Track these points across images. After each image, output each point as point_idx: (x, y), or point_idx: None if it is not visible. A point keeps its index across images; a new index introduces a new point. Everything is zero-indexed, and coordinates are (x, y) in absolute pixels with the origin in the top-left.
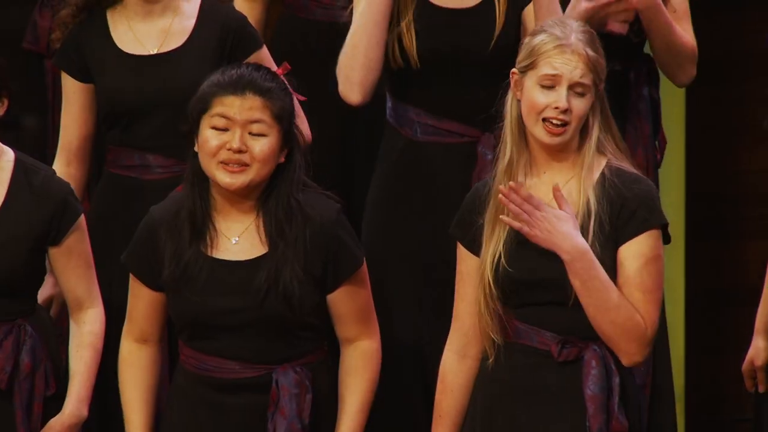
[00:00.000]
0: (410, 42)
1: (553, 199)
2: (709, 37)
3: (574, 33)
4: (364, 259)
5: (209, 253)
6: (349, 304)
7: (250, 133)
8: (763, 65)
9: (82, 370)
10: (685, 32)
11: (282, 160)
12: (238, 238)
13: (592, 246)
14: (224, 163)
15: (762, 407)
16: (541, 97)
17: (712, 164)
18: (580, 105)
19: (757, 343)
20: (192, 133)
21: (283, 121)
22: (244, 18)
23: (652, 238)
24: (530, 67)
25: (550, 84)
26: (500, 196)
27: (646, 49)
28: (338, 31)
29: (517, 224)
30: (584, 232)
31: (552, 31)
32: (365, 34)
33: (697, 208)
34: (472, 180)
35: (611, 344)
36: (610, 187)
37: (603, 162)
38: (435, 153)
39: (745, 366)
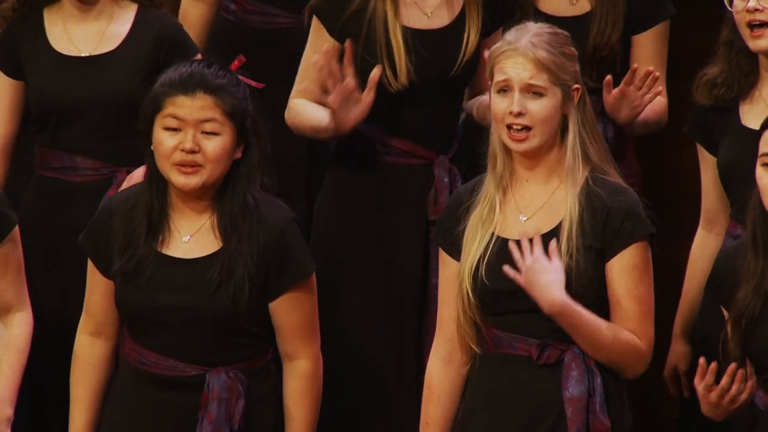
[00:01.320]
0: (390, 65)
1: (536, 205)
2: None
3: (528, 36)
4: (314, 273)
5: (160, 250)
6: (290, 315)
7: (203, 132)
8: (690, 67)
9: (6, 372)
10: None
11: (238, 155)
12: (189, 237)
13: (575, 257)
14: (179, 164)
15: (688, 408)
16: (499, 104)
17: (648, 163)
18: (537, 106)
19: (677, 348)
20: (147, 132)
21: (236, 117)
22: (179, 26)
23: (641, 249)
24: (490, 76)
25: (504, 89)
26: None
27: None
28: (273, 37)
29: (511, 273)
30: (568, 241)
31: (506, 37)
32: (308, 130)
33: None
34: (427, 202)
35: (612, 367)
36: (594, 196)
37: (587, 170)
38: (391, 173)
39: (667, 372)
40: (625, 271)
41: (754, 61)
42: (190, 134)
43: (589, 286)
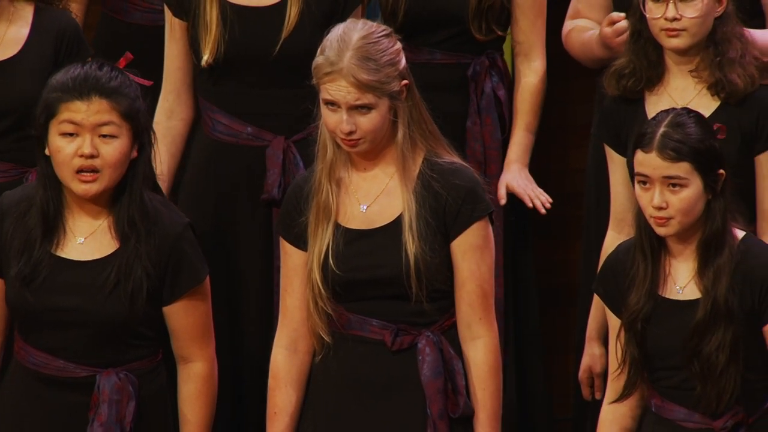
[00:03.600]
0: (207, 41)
1: (374, 194)
2: None
3: (348, 53)
4: (208, 277)
5: (55, 252)
6: (185, 320)
7: (100, 136)
8: (585, 66)
9: None
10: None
11: (134, 155)
12: (84, 239)
13: (420, 245)
14: (78, 171)
15: (584, 409)
16: (329, 117)
17: (537, 163)
18: (365, 121)
19: (592, 351)
20: (41, 137)
21: (132, 118)
22: (77, 25)
23: (482, 228)
24: (317, 87)
25: (332, 104)
26: None
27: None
28: (158, 34)
29: None
30: (410, 230)
31: (328, 54)
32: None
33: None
34: (265, 184)
35: None
36: (431, 181)
37: (421, 156)
38: (229, 153)
39: (582, 374)
40: (468, 252)
41: (660, 52)
42: (87, 139)
43: (437, 272)
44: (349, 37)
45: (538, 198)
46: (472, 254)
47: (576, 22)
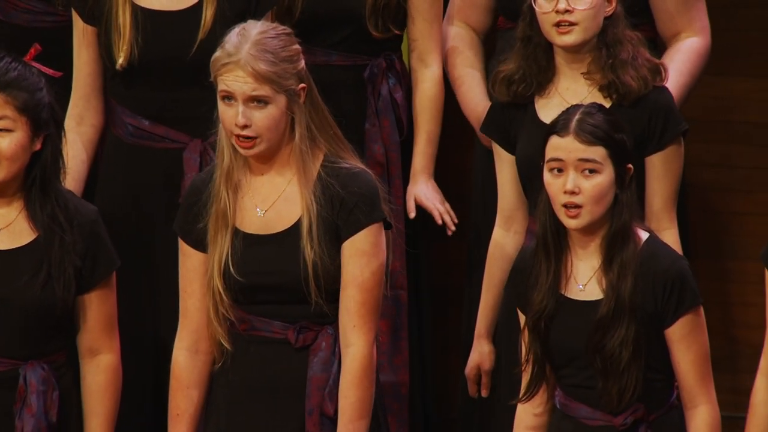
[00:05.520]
0: (121, 46)
1: (272, 199)
2: None
3: (247, 45)
4: (119, 264)
5: None
6: (98, 308)
7: None
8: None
9: None
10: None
11: (38, 147)
12: None
13: (317, 251)
14: None
15: (469, 407)
16: (225, 112)
17: (444, 163)
18: (261, 117)
19: (481, 348)
20: None
21: (30, 111)
22: None
23: (372, 234)
24: (215, 81)
25: (228, 98)
26: None
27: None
28: (40, 36)
29: None
30: (308, 236)
31: (227, 47)
32: None
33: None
34: (182, 187)
35: None
36: (329, 184)
37: (320, 158)
38: (145, 157)
39: (469, 370)
40: (354, 256)
41: (551, 57)
42: None
43: (336, 276)
44: (248, 32)
45: (447, 214)
46: (358, 259)
47: (457, 38)
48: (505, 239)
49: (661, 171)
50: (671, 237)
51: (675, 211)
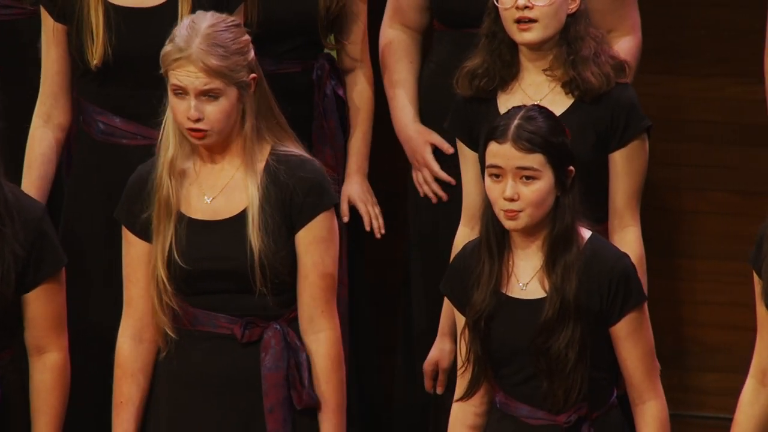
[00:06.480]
0: (94, 45)
1: (219, 186)
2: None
3: (198, 39)
4: (63, 268)
5: None
6: (45, 306)
7: None
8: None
9: None
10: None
11: None
12: None
13: (264, 240)
14: None
15: (406, 405)
16: (176, 106)
17: (379, 161)
18: (213, 110)
19: (442, 345)
20: None
21: None
22: None
23: (326, 220)
24: (165, 75)
25: (179, 93)
26: None
27: None
28: (17, 30)
29: None
30: (254, 224)
31: (177, 41)
32: None
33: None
34: None
35: None
36: (277, 173)
37: (268, 149)
38: (116, 154)
39: (428, 366)
40: (312, 244)
41: (515, 53)
42: None
43: (282, 266)
44: (198, 25)
45: (376, 219)
46: (316, 246)
47: (394, 42)
48: (469, 238)
49: (623, 168)
50: (632, 235)
51: (638, 209)
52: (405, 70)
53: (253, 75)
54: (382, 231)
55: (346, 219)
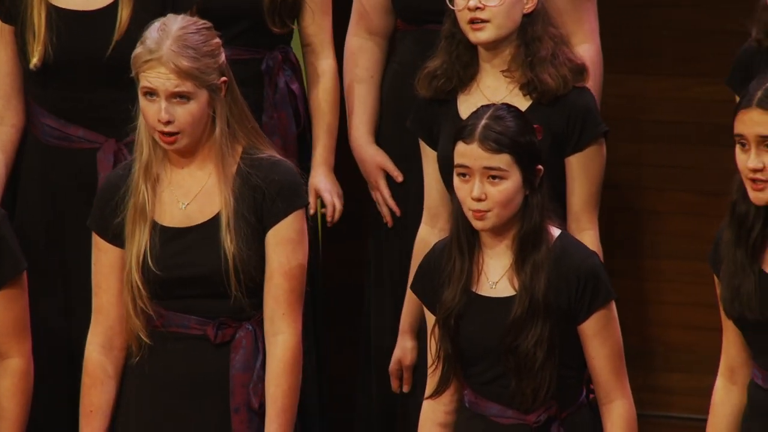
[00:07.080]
0: (35, 45)
1: (193, 192)
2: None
3: (169, 41)
4: (25, 272)
5: None
6: (5, 313)
7: None
8: None
9: None
10: None
11: None
12: None
13: (238, 243)
14: None
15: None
16: (147, 109)
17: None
18: (183, 112)
19: (404, 344)
20: None
21: None
22: None
23: (295, 222)
24: (137, 78)
25: (151, 94)
26: None
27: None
28: None
29: None
30: (227, 229)
31: (148, 43)
32: None
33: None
34: (98, 187)
35: None
36: (249, 176)
37: (239, 150)
38: (61, 157)
39: (392, 366)
40: (280, 245)
41: (474, 54)
42: None
43: (256, 269)
44: (169, 27)
45: (333, 212)
46: (284, 247)
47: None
48: (431, 236)
49: (579, 172)
50: (590, 238)
51: (596, 213)
52: (366, 85)
53: (223, 78)
54: (335, 221)
55: (312, 211)
